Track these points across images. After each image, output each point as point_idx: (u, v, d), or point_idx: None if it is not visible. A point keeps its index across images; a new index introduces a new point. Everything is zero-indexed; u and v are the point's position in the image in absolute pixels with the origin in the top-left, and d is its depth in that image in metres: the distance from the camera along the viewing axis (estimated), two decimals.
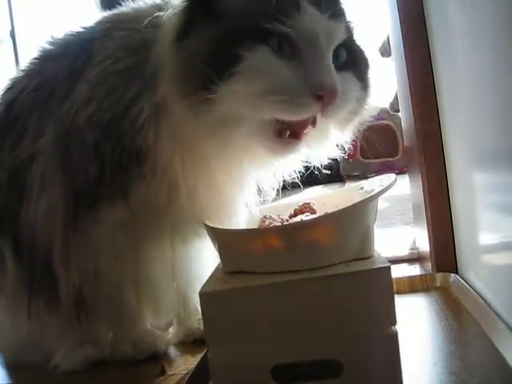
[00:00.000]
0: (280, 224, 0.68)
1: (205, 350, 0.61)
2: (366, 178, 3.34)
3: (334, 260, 0.58)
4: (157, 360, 0.75)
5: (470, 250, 0.88)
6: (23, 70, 0.81)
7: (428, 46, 0.95)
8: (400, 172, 2.96)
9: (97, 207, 0.73)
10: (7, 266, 0.78)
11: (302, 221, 0.62)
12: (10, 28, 3.07)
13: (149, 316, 0.81)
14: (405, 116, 1.12)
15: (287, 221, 0.74)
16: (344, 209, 0.58)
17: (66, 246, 0.74)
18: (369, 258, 0.59)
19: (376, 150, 3.22)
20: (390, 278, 0.56)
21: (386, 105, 3.09)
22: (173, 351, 0.78)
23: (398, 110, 2.84)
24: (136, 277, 0.76)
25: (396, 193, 2.47)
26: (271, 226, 0.69)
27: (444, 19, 0.85)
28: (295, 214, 0.75)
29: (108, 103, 0.70)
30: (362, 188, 0.69)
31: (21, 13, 3.10)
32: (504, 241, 0.69)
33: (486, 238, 0.80)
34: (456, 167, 0.90)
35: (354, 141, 0.75)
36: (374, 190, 0.63)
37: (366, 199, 0.59)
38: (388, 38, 1.81)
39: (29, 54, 0.86)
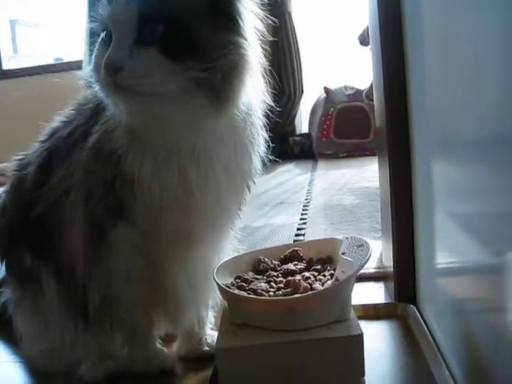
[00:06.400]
0: (274, 288, 0.81)
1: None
2: (337, 157, 3.46)
3: (320, 322, 0.75)
4: (164, 376, 0.89)
5: (426, 279, 0.96)
6: (62, 120, 0.94)
7: (402, 41, 1.02)
8: (371, 154, 3.12)
9: (104, 231, 0.85)
10: (44, 288, 0.91)
11: (297, 296, 0.76)
12: None
13: (166, 325, 0.96)
14: (377, 98, 1.17)
15: (279, 266, 0.89)
16: (329, 287, 0.75)
17: (88, 271, 0.87)
18: (346, 320, 0.76)
19: (349, 130, 3.36)
20: (362, 341, 0.73)
21: (363, 88, 3.20)
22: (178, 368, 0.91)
23: (372, 100, 2.95)
24: (150, 298, 0.89)
25: (366, 184, 2.60)
26: (271, 294, 0.80)
27: (419, 18, 0.91)
28: (285, 260, 0.91)
29: (103, 134, 0.84)
30: (343, 253, 0.84)
31: None
32: (454, 268, 0.77)
33: (441, 267, 0.86)
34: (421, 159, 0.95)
35: (328, 120, 0.85)
36: (354, 262, 0.79)
37: (346, 279, 0.75)
38: (368, 27, 1.86)
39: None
